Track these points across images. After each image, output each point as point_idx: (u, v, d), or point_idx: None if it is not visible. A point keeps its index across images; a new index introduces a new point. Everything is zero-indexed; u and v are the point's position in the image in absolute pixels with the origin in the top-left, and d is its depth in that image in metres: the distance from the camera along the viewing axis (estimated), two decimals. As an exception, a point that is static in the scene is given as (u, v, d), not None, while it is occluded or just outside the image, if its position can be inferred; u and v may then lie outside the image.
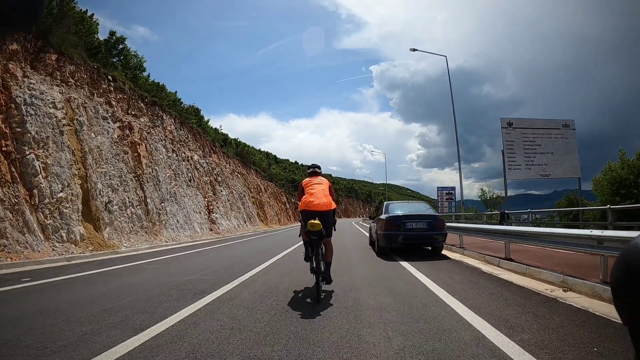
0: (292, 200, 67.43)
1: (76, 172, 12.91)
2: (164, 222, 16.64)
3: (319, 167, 5.36)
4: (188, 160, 22.05)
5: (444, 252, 9.39)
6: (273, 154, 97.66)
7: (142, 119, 20.24)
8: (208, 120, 39.93)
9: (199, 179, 22.50)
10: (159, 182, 17.49)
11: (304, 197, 4.79)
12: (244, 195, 30.80)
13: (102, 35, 22.12)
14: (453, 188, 27.41)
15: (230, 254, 10.34)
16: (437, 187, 27.74)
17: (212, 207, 22.54)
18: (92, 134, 14.54)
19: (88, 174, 13.40)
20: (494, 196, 24.98)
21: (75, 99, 14.57)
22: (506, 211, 11.41)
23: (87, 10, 18.82)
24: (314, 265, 4.54)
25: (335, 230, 5.16)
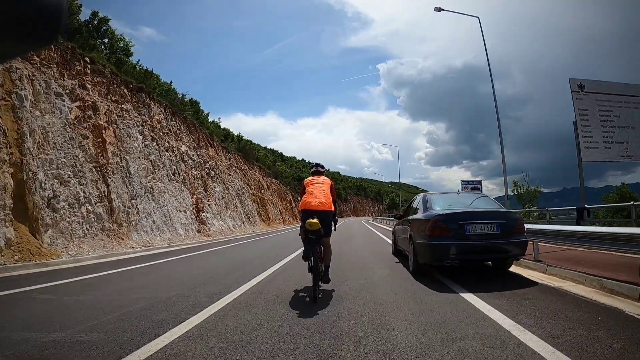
0: (298, 198, 64.22)
1: (6, 158, 9.87)
2: (133, 223, 13.52)
3: (322, 167, 5.36)
4: (172, 151, 18.94)
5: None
6: (279, 151, 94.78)
7: (123, 106, 17.35)
8: (208, 114, 37.15)
9: (186, 172, 19.39)
10: (130, 174, 14.39)
11: (303, 196, 4.84)
12: (243, 192, 27.63)
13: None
14: (479, 182, 23.90)
15: (189, 273, 7.09)
16: (461, 181, 24.19)
17: (202, 205, 19.42)
18: (37, 112, 11.49)
19: (25, 161, 10.35)
20: (531, 190, 21.46)
21: (18, 69, 11.54)
22: (586, 206, 8.01)
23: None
24: (312, 264, 4.42)
25: (335, 230, 5.06)
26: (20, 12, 0.46)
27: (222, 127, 45.95)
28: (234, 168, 28.95)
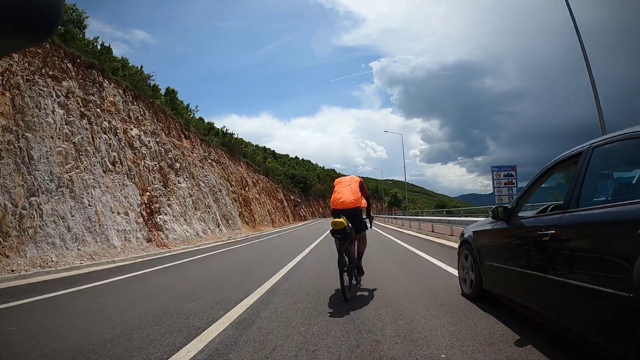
0: (292, 197, 59.60)
1: None
2: (30, 231, 8.95)
3: None
4: (115, 134, 14.32)
5: None
6: (271, 149, 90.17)
7: (64, 83, 12.93)
8: (188, 105, 32.92)
9: (134, 162, 14.75)
10: (32, 159, 9.82)
11: (332, 195, 4.82)
12: (220, 190, 22.95)
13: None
14: (513, 167, 19.25)
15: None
16: (491, 167, 19.49)
17: (157, 205, 14.82)
18: None
19: None
20: None
21: None
22: None
23: None
24: (340, 259, 4.09)
25: (371, 227, 5.11)
26: (16, 6, 0.44)
27: (205, 121, 42.02)
28: (210, 161, 24.26)
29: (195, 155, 21.84)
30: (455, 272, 4.78)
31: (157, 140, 18.09)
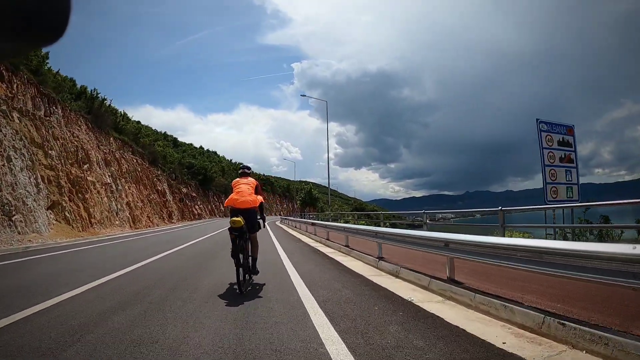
0: (184, 190, 49.30)
1: None
2: None
3: (248, 168, 5.65)
4: None
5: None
6: (173, 135, 77.20)
7: None
8: (46, 56, 22.40)
9: None
10: None
11: (230, 195, 5.06)
12: (9, 159, 12.97)
13: None
14: (570, 130, 11.42)
15: None
16: (537, 120, 10.97)
17: None
18: None
19: None
20: None
21: None
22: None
23: None
24: (236, 260, 4.59)
25: (264, 227, 5.54)
26: (24, 9, 0.42)
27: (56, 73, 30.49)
28: (5, 108, 14.05)
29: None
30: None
31: None
